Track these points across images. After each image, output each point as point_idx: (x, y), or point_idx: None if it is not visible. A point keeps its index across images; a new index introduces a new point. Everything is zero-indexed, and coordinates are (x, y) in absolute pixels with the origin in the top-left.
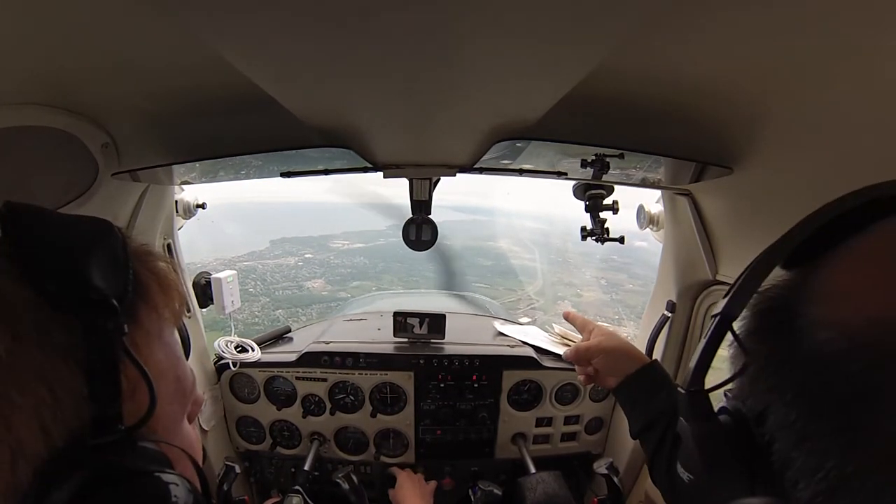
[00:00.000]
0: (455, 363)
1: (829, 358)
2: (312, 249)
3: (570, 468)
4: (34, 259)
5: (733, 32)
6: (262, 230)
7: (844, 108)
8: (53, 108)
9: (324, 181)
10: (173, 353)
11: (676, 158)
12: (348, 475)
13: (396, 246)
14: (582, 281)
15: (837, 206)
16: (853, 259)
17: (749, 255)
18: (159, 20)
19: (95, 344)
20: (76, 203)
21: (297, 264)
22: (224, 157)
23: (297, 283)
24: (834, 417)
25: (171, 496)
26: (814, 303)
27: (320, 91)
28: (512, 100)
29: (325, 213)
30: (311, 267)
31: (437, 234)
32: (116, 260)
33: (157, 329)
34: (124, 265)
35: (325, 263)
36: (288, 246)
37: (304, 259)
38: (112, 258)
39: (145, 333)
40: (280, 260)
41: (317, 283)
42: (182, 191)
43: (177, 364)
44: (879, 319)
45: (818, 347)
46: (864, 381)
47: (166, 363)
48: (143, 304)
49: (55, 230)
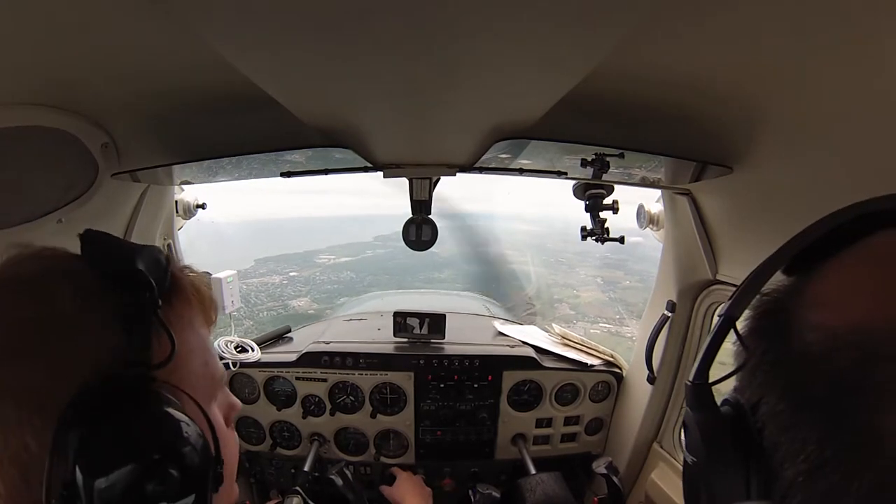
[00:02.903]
0: (455, 363)
1: (815, 357)
2: (297, 266)
3: (571, 469)
4: (100, 256)
5: (733, 32)
6: (246, 249)
7: (844, 107)
8: (53, 108)
9: (312, 195)
10: (202, 341)
11: (676, 158)
12: (342, 471)
13: (384, 258)
14: (578, 281)
15: (830, 220)
16: (841, 270)
17: (749, 254)
18: (159, 20)
19: (134, 308)
20: (76, 203)
21: (281, 283)
22: (224, 157)
23: (283, 301)
24: (815, 410)
25: (183, 429)
26: (806, 307)
27: (320, 91)
28: (512, 99)
29: (311, 229)
30: (296, 285)
31: (437, 234)
32: (158, 262)
33: (188, 317)
34: (164, 266)
35: (310, 280)
36: (272, 264)
37: (288, 277)
38: (154, 260)
39: (178, 316)
40: (265, 279)
41: (302, 301)
42: (182, 191)
43: (205, 351)
44: (860, 325)
45: (806, 348)
46: (843, 379)
47: (194, 344)
48: (176, 295)
49: (115, 242)
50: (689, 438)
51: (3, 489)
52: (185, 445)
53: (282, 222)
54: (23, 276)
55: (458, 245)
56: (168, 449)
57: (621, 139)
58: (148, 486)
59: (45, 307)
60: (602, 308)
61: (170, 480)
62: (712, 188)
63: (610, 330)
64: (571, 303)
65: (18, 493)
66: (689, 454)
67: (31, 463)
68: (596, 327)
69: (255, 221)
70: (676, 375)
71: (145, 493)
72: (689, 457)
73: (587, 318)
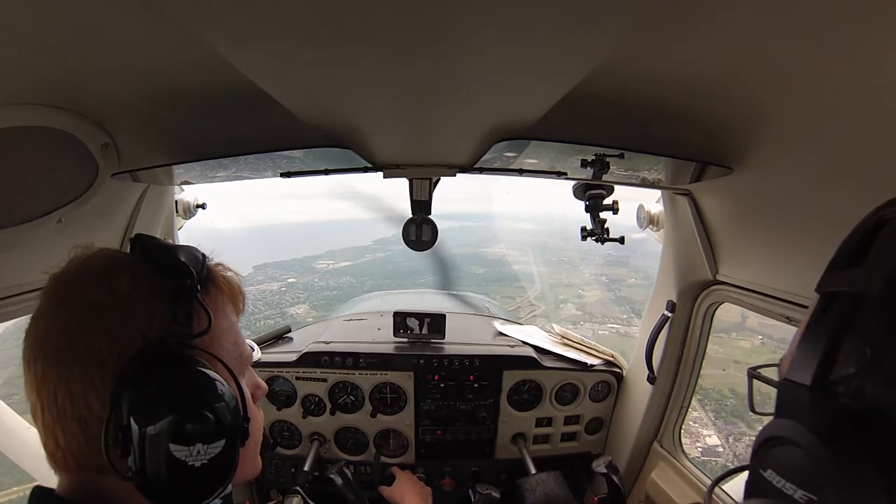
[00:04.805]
0: (455, 363)
1: None
2: (296, 272)
3: (571, 468)
4: (150, 252)
5: (733, 33)
6: (245, 256)
7: (844, 107)
8: (53, 108)
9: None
10: (232, 324)
11: (676, 158)
12: (341, 470)
13: (384, 262)
14: (582, 280)
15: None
16: None
17: (749, 254)
18: (159, 21)
19: (178, 291)
20: (76, 203)
21: (280, 289)
22: (224, 157)
23: (280, 309)
24: None
25: (217, 386)
26: None
27: (320, 91)
28: (512, 100)
29: (311, 233)
30: (295, 291)
31: (437, 234)
32: (196, 257)
33: (221, 305)
34: (202, 261)
35: (308, 287)
36: (271, 271)
37: (287, 284)
38: (193, 255)
39: (212, 300)
40: (263, 286)
41: (301, 308)
42: (182, 191)
43: (235, 333)
44: None
45: None
46: None
47: (225, 326)
48: (212, 285)
49: (161, 242)
50: (807, 464)
51: (63, 440)
52: (218, 399)
53: (281, 227)
54: (93, 267)
55: (458, 247)
56: (204, 399)
57: (621, 139)
58: (187, 428)
59: (108, 290)
60: (609, 307)
61: (206, 425)
62: (712, 188)
63: (619, 331)
64: (577, 303)
65: (77, 445)
66: (803, 488)
67: (91, 419)
68: (604, 328)
69: (253, 227)
70: (676, 375)
71: (185, 435)
72: (803, 493)
73: (594, 318)
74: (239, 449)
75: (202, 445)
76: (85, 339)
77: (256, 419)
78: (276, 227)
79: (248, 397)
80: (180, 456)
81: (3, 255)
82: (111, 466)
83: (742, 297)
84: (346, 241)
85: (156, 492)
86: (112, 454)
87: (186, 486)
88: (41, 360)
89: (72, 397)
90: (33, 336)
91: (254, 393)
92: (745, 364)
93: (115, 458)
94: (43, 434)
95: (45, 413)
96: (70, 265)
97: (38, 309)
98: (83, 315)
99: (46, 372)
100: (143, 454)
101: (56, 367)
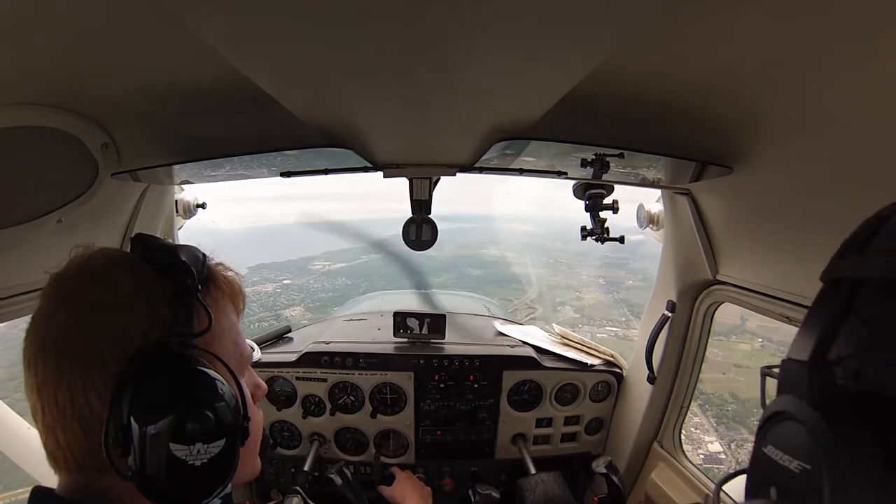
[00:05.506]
0: (455, 363)
1: None
2: (291, 274)
3: (571, 469)
4: (151, 252)
5: (733, 33)
6: (241, 257)
7: (844, 107)
8: (53, 108)
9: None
10: (232, 324)
11: (676, 158)
12: (341, 470)
13: (380, 263)
14: (580, 282)
15: None
16: None
17: (749, 254)
18: (159, 21)
19: (179, 290)
20: (76, 203)
21: (275, 291)
22: (224, 157)
23: (275, 311)
24: None
25: (217, 385)
26: None
27: (320, 90)
28: (512, 100)
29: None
30: (290, 293)
31: (436, 234)
32: (197, 257)
33: (221, 305)
34: (202, 260)
35: (304, 288)
36: (266, 271)
37: (282, 285)
38: (194, 255)
39: (213, 301)
40: (258, 287)
41: (295, 310)
42: (182, 191)
43: (235, 333)
44: None
45: None
46: None
47: (226, 325)
48: (212, 285)
49: (161, 241)
50: (802, 435)
51: (63, 440)
52: (219, 398)
53: (277, 228)
54: (93, 266)
55: (456, 248)
56: (205, 398)
57: (621, 139)
58: (188, 427)
59: (108, 290)
60: (607, 310)
61: (207, 424)
62: (712, 188)
63: (618, 334)
64: (575, 305)
65: (77, 444)
66: (800, 459)
67: (91, 418)
68: (603, 331)
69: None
70: (676, 375)
71: (185, 435)
72: (798, 463)
73: (593, 321)
74: (239, 448)
75: (202, 445)
76: (85, 338)
77: (256, 419)
78: (276, 228)
79: (248, 397)
80: (180, 455)
81: (3, 254)
82: (111, 466)
83: (742, 296)
84: (342, 241)
85: (156, 491)
86: (112, 453)
87: (186, 485)
88: (41, 360)
89: (72, 397)
90: (34, 336)
91: (254, 393)
92: (745, 368)
93: (115, 457)
94: (43, 434)
95: (45, 413)
96: (70, 265)
97: (39, 309)
98: (84, 315)
99: (47, 371)
100: (144, 453)
101: (56, 367)
